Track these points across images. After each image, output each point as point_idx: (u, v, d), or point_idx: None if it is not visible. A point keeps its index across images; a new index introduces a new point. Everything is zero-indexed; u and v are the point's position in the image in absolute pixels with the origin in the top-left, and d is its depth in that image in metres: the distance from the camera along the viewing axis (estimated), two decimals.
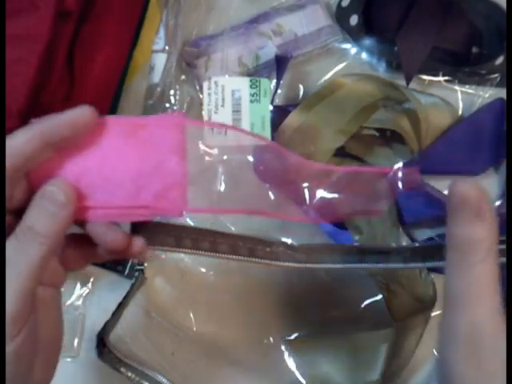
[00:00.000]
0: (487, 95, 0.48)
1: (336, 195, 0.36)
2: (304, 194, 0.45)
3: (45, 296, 0.28)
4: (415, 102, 0.45)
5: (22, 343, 0.24)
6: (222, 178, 0.47)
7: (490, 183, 0.48)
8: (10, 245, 0.25)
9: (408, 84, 0.46)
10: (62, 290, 0.30)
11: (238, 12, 0.49)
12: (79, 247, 0.29)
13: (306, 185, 0.45)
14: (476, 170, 0.47)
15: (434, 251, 0.38)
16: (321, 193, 0.44)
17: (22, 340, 0.24)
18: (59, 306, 0.29)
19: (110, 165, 0.27)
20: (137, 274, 0.44)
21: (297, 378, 0.45)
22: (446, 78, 0.48)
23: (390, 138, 0.47)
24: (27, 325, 0.25)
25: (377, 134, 0.47)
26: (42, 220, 0.25)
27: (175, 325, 0.45)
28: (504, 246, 0.37)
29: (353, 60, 0.48)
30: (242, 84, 0.45)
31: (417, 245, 0.40)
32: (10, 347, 0.24)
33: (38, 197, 0.26)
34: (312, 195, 0.45)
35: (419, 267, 0.40)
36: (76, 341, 0.44)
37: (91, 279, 0.45)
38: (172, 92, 0.45)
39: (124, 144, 0.28)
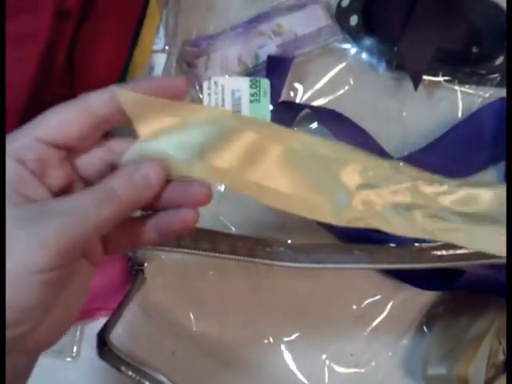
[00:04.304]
0: (487, 95, 0.48)
1: None
2: None
3: (80, 267, 0.27)
4: None
5: (55, 280, 0.24)
6: None
7: None
8: (85, 196, 0.25)
9: (416, 88, 0.46)
10: None
11: (237, 12, 0.49)
12: (125, 230, 0.29)
13: None
14: (476, 169, 0.47)
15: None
16: None
17: (57, 277, 0.24)
18: (86, 285, 0.29)
19: None
20: (137, 274, 0.44)
21: (297, 378, 0.45)
22: (446, 77, 0.48)
23: None
24: (65, 270, 0.25)
25: None
26: (126, 188, 0.26)
27: (175, 325, 0.45)
28: None
29: (353, 60, 0.48)
30: (242, 84, 0.45)
31: (416, 245, 0.40)
32: (46, 275, 0.24)
33: (130, 168, 0.27)
34: None
35: (421, 268, 0.40)
36: (76, 340, 0.44)
37: None
38: None
39: None
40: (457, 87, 0.48)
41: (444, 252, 0.39)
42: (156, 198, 0.28)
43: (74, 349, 0.44)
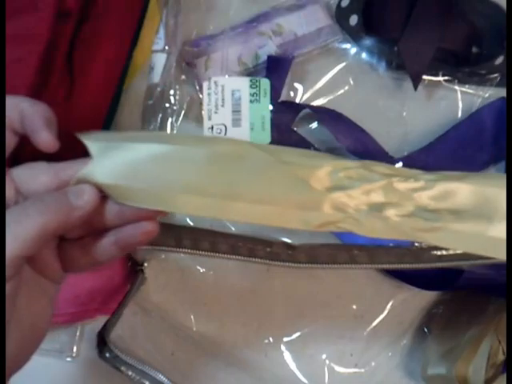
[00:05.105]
0: (487, 95, 0.48)
1: None
2: None
3: (34, 282, 0.28)
4: None
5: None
6: None
7: None
8: (11, 209, 0.26)
9: (416, 88, 0.46)
10: None
11: (237, 12, 0.49)
12: (83, 247, 0.29)
13: None
14: (476, 169, 0.47)
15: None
16: None
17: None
18: (49, 301, 0.29)
19: None
20: (137, 274, 0.44)
21: (297, 378, 0.45)
22: (446, 77, 0.48)
23: None
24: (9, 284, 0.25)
25: None
26: (55, 202, 0.26)
27: (175, 325, 0.45)
28: None
29: (353, 60, 0.48)
30: (242, 84, 0.45)
31: (416, 245, 0.40)
32: None
33: (66, 188, 0.27)
34: None
35: (421, 268, 0.40)
36: (76, 340, 0.44)
37: None
38: (172, 92, 0.45)
39: None
40: (457, 87, 0.48)
41: (444, 252, 0.39)
42: (100, 220, 0.28)
43: (74, 349, 0.44)
